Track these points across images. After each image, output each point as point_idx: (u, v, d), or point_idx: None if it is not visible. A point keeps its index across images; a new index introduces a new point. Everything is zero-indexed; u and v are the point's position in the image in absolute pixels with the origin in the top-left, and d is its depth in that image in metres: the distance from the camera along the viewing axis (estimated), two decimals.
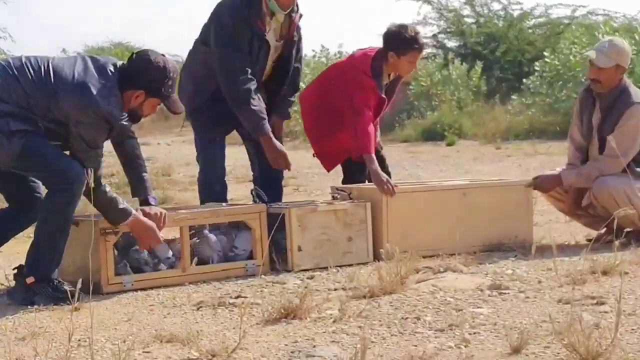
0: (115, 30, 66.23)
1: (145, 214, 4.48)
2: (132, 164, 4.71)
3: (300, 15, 5.33)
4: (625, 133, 5.22)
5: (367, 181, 5.67)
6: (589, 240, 5.40)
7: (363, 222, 5.00)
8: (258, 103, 5.05)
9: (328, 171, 5.83)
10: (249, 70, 5.04)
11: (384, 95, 5.48)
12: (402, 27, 5.47)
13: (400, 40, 5.43)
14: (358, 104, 5.35)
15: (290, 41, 5.32)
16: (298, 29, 5.35)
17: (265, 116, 5.09)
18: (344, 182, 5.61)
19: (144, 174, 4.70)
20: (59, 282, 4.26)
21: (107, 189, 4.42)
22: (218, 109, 5.21)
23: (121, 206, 4.41)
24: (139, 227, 4.43)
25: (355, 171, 5.65)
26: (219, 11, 5.12)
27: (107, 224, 4.41)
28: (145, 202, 4.61)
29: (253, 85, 5.04)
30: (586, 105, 5.45)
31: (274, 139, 5.11)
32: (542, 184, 5.44)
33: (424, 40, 5.58)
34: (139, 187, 4.67)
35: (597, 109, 5.36)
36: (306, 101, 5.85)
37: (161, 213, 4.54)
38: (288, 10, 5.17)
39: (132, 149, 4.73)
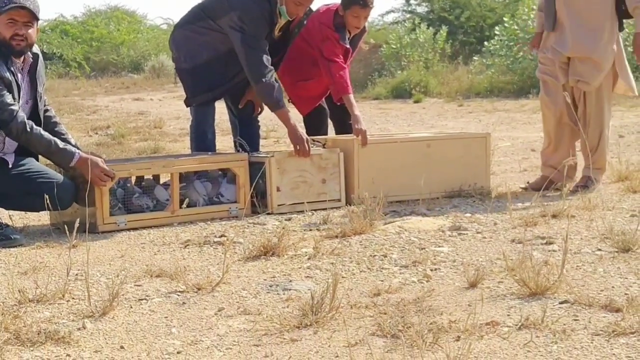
0: None
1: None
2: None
3: (310, 11, 5.22)
4: None
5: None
6: (524, 189, 5.42)
7: (336, 166, 5.00)
8: (276, 83, 5.00)
9: (303, 115, 5.79)
10: (270, 59, 4.96)
11: (348, 46, 5.46)
12: None
13: None
14: (327, 54, 5.35)
15: (289, 31, 5.24)
16: (300, 24, 5.23)
17: (282, 93, 5.03)
18: (307, 134, 5.58)
19: (64, 135, 4.50)
20: (1, 225, 4.17)
21: (42, 132, 4.28)
22: (210, 76, 5.15)
23: (62, 146, 4.30)
24: (87, 165, 4.27)
25: (314, 124, 5.71)
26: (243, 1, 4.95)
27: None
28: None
29: (272, 71, 4.98)
30: None
31: (295, 124, 4.97)
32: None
33: None
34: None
35: None
36: None
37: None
38: (293, 17, 5.10)
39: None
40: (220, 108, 5.52)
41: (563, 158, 5.12)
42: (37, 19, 4.32)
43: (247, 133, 5.47)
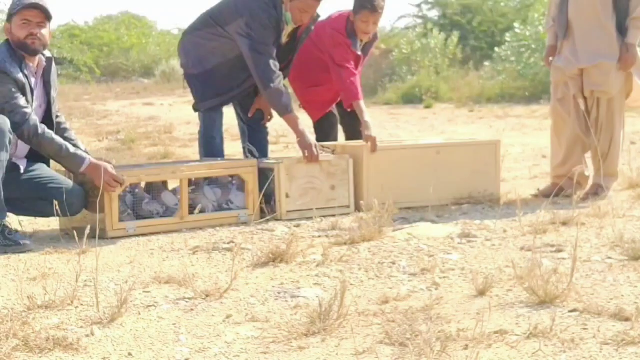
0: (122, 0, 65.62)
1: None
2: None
3: (317, 17, 5.26)
4: None
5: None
6: (535, 196, 5.41)
7: (345, 172, 5.01)
8: (285, 89, 5.02)
9: (314, 121, 5.80)
10: (278, 65, 4.99)
11: (359, 53, 5.47)
12: None
13: (356, 1, 5.40)
14: (338, 60, 5.36)
15: (297, 37, 5.26)
16: (308, 30, 5.26)
17: (290, 99, 5.06)
18: (317, 140, 5.59)
19: (73, 141, 4.51)
20: (10, 231, 4.15)
21: (54, 136, 4.30)
22: (218, 82, 5.17)
23: (73, 151, 4.32)
24: (97, 171, 4.28)
25: (324, 130, 5.72)
26: (252, 6, 4.97)
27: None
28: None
29: (280, 76, 5.00)
30: None
31: (304, 130, 4.99)
32: (626, 62, 5.15)
33: (382, 4, 5.38)
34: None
35: None
36: None
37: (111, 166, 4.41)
38: (298, 24, 5.13)
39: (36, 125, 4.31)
40: (230, 114, 5.54)
41: (573, 168, 5.12)
42: (50, 19, 4.35)
43: (255, 139, 5.48)
